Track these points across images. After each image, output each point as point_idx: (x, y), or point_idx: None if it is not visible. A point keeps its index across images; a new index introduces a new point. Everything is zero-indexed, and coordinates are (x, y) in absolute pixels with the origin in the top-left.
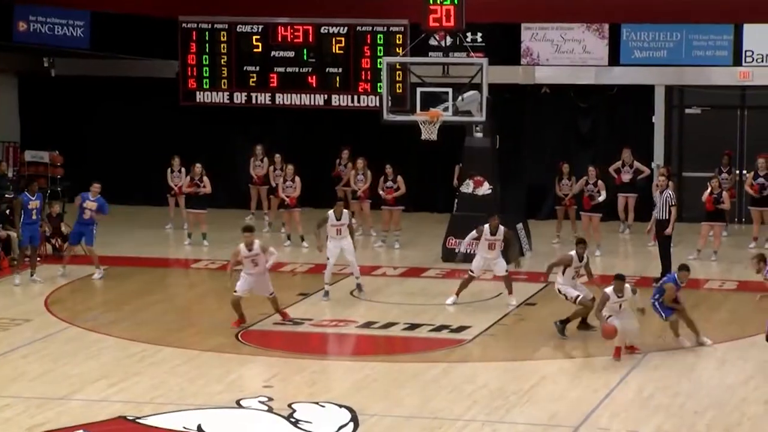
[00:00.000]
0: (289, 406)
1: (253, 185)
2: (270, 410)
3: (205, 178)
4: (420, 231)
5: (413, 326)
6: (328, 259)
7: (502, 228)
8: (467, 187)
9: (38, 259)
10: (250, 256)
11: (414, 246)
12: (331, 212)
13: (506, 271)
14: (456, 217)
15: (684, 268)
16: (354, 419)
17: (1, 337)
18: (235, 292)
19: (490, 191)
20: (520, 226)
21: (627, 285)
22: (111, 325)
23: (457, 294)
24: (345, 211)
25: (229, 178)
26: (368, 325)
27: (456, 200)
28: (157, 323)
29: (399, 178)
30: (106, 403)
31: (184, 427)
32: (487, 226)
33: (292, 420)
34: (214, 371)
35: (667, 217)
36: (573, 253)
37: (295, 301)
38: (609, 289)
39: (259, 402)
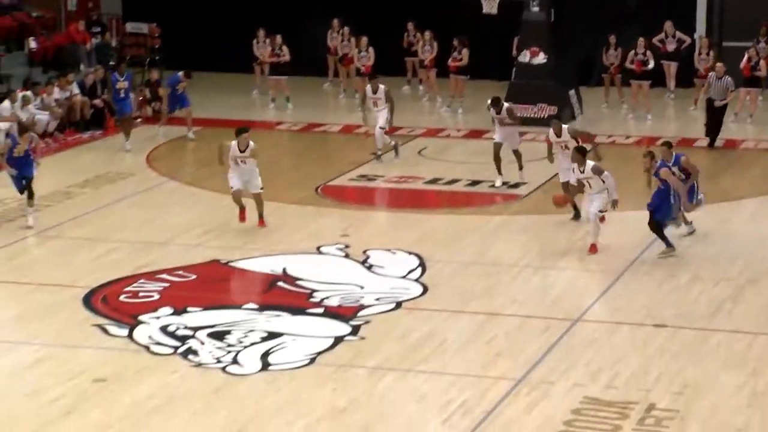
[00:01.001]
0: (364, 252)
1: (331, 55)
2: (347, 256)
3: (284, 48)
4: (480, 98)
5: (474, 182)
6: (373, 126)
7: (504, 105)
8: (524, 57)
9: (138, 120)
10: (241, 156)
11: (476, 111)
12: (368, 86)
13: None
14: (514, 84)
15: (665, 144)
16: (422, 264)
17: (109, 189)
18: (232, 188)
19: (545, 61)
20: (572, 92)
21: (589, 162)
22: (204, 180)
23: (500, 172)
24: (381, 86)
25: (308, 49)
26: (434, 181)
27: (514, 69)
28: None
29: (464, 50)
30: (202, 248)
31: (271, 270)
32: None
33: (367, 265)
34: (296, 221)
35: (724, 99)
36: (550, 130)
37: (369, 159)
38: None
39: (337, 249)
